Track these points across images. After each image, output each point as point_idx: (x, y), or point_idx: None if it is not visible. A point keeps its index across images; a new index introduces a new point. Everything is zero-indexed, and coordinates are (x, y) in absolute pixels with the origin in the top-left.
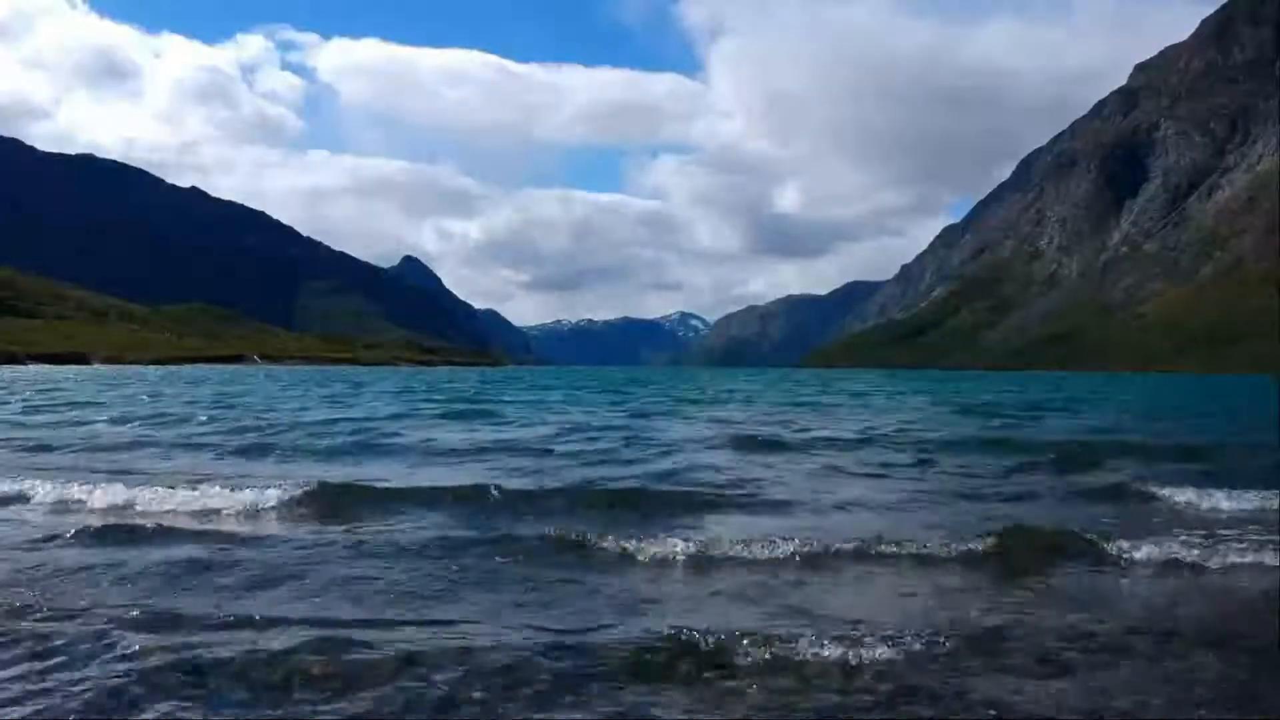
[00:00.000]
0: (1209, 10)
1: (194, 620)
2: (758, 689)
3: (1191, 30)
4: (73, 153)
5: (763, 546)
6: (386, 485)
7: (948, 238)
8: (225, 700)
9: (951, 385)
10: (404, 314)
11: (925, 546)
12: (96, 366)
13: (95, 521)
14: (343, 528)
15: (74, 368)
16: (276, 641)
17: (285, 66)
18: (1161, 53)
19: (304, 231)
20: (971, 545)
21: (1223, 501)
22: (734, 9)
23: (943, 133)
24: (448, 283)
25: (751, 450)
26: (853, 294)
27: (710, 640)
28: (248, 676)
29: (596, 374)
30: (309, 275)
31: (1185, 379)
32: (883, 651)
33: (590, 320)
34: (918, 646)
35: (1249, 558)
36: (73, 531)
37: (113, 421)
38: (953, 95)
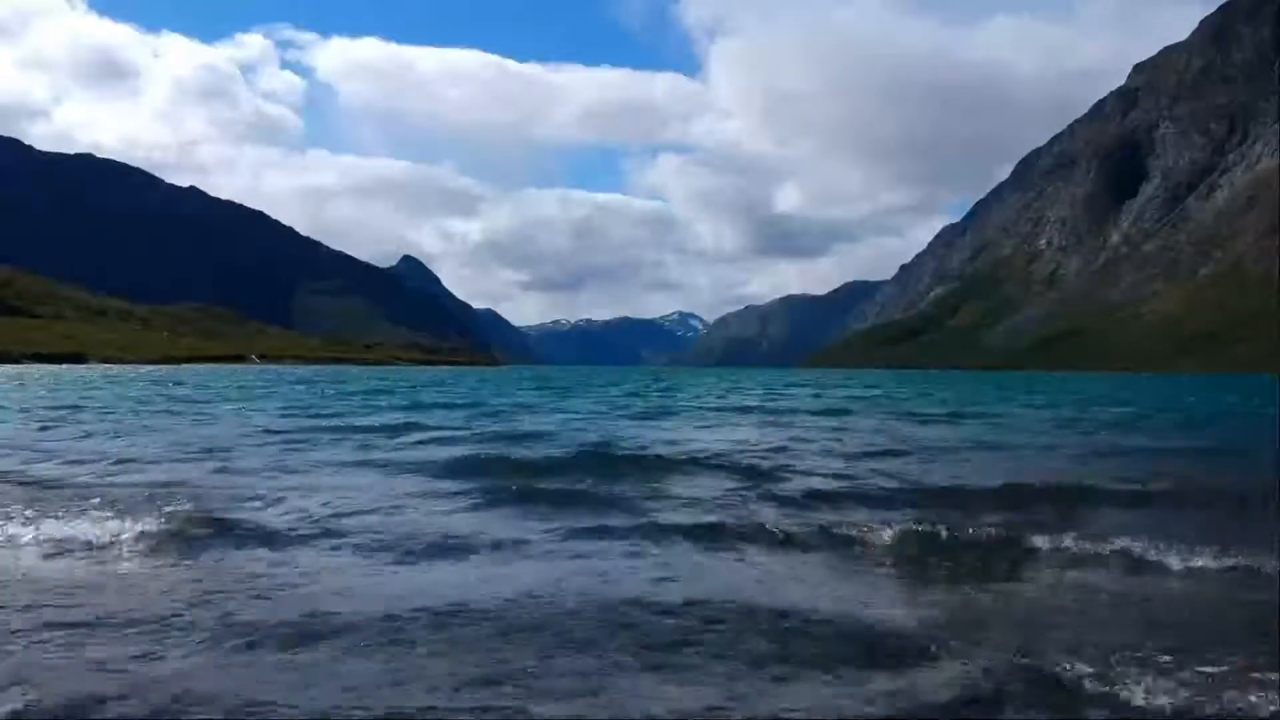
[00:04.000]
0: (1209, 10)
1: None
2: None
3: (1191, 30)
4: (72, 153)
5: None
6: None
7: (947, 238)
8: None
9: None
10: (403, 314)
11: None
12: (94, 367)
13: None
14: None
15: (73, 367)
16: None
17: (285, 66)
18: (1161, 53)
19: (304, 231)
20: None
21: None
22: (734, 9)
23: (943, 133)
24: (447, 283)
25: None
26: (852, 294)
27: None
28: None
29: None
30: (309, 275)
31: (1221, 379)
32: None
33: (590, 320)
34: None
35: None
36: None
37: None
38: (953, 95)
